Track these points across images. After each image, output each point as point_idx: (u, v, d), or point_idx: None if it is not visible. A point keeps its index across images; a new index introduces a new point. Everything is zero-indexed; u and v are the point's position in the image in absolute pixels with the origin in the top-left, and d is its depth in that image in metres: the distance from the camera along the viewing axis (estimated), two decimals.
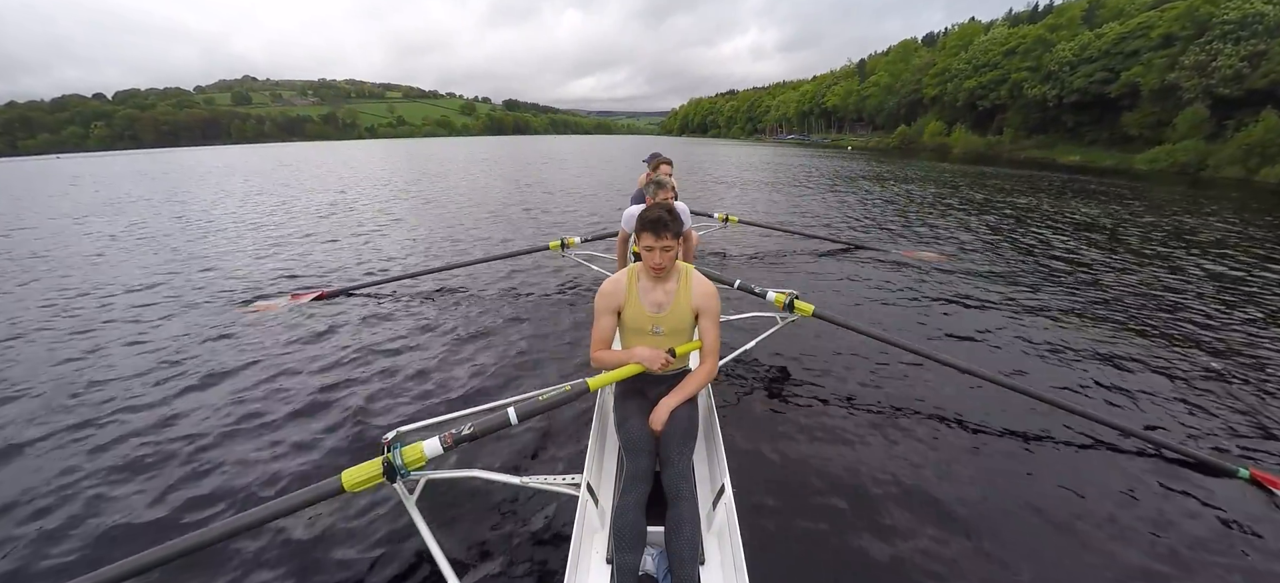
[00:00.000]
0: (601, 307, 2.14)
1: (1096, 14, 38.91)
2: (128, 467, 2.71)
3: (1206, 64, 26.42)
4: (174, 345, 4.24)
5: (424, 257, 7.34)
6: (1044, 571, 2.06)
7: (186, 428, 3.04)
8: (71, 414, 3.22)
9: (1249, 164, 21.85)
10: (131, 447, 2.87)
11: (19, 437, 2.99)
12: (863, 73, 70.51)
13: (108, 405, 3.31)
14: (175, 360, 3.95)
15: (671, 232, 1.98)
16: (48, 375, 3.75)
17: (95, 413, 3.23)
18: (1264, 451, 2.85)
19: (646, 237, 1.99)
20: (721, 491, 1.92)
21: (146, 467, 2.70)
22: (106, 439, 2.95)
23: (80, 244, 8.69)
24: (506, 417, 1.88)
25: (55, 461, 2.76)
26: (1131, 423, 2.95)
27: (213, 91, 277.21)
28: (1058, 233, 8.90)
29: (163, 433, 2.99)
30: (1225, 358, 3.98)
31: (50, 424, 3.11)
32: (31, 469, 2.70)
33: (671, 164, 4.22)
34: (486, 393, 3.42)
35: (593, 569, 1.76)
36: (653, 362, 2.01)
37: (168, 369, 3.81)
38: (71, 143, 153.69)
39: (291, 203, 13.45)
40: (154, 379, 3.66)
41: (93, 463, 2.74)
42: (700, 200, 12.20)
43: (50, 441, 2.95)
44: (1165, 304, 5.22)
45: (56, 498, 2.48)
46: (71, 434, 3.00)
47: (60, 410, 3.26)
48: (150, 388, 3.54)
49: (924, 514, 2.32)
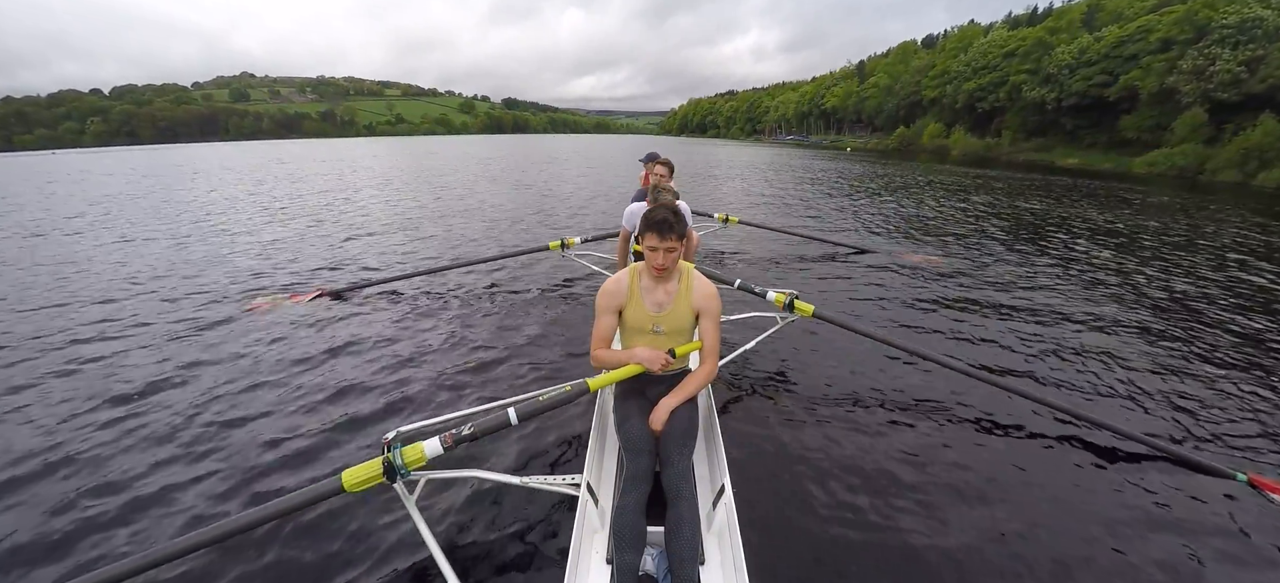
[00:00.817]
0: (603, 306, 2.14)
1: (1096, 17, 39.02)
2: (125, 466, 2.70)
3: (1205, 68, 26.52)
4: (171, 344, 4.23)
5: (424, 256, 7.32)
6: (1043, 572, 2.06)
7: (184, 427, 3.03)
8: (70, 411, 3.20)
9: (1247, 168, 21.92)
10: (128, 445, 2.86)
11: (15, 435, 2.98)
12: (862, 74, 70.63)
13: (106, 403, 3.30)
14: (173, 358, 3.94)
15: (676, 233, 1.99)
16: (47, 371, 3.74)
17: (94, 411, 3.21)
18: (1262, 455, 2.86)
19: (651, 237, 2.00)
20: (721, 491, 1.93)
21: (143, 466, 2.69)
22: (103, 438, 2.93)
23: (81, 242, 8.66)
24: (507, 417, 1.88)
25: (51, 457, 2.75)
26: (1129, 426, 2.96)
27: (211, 88, 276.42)
28: (1057, 235, 8.92)
29: (160, 432, 2.98)
30: (1224, 362, 3.99)
31: (48, 420, 3.10)
32: (29, 466, 2.69)
33: (670, 166, 4.19)
34: (487, 392, 3.42)
35: (593, 569, 1.76)
36: (653, 362, 2.02)
37: (165, 367, 3.80)
38: (68, 139, 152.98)
39: (291, 202, 13.41)
40: (151, 377, 3.65)
41: (89, 461, 2.73)
42: (701, 200, 12.20)
43: (48, 437, 2.94)
44: (1164, 307, 5.24)
45: (55, 497, 2.47)
46: (70, 431, 2.99)
47: (58, 406, 3.25)
48: (148, 386, 3.52)
49: (923, 515, 2.33)
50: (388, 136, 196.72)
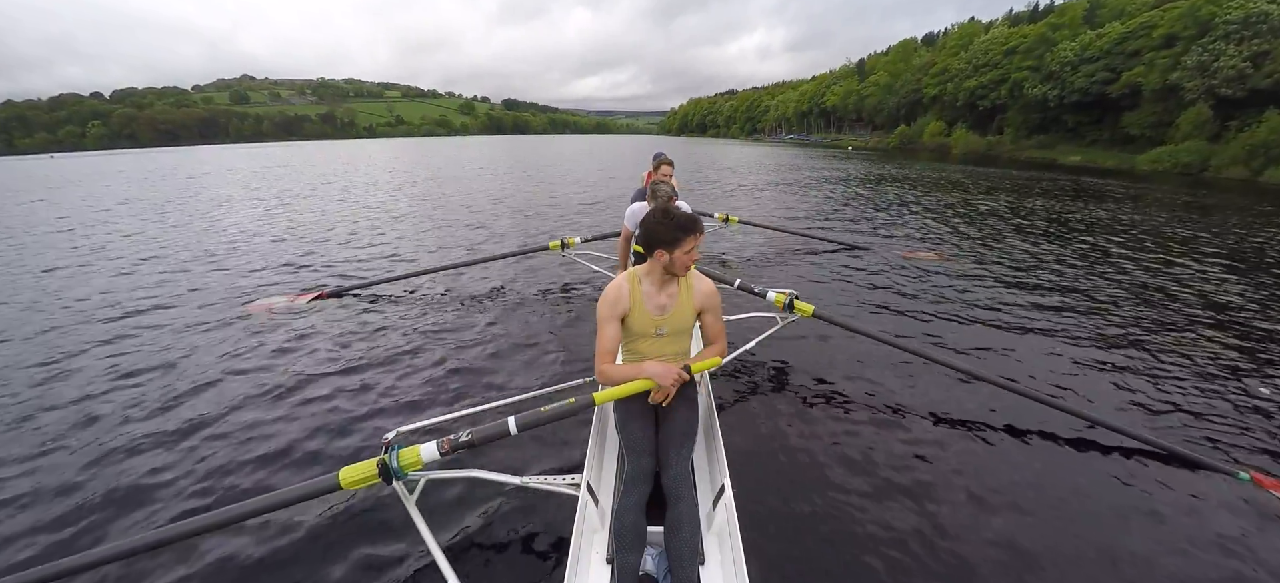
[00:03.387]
0: (605, 315, 2.08)
1: (1098, 13, 38.84)
2: (123, 461, 2.71)
3: (1209, 64, 26.32)
4: (172, 343, 4.24)
5: (424, 256, 7.33)
6: (1043, 571, 2.05)
7: (184, 426, 3.04)
8: (70, 405, 3.22)
9: (1252, 165, 21.77)
10: (128, 442, 2.87)
11: (20, 430, 2.99)
12: (862, 72, 70.42)
13: (105, 402, 3.31)
14: (173, 358, 3.95)
15: (700, 228, 2.05)
16: (50, 367, 3.76)
17: (93, 408, 3.23)
18: (1265, 453, 2.85)
19: (688, 241, 2.00)
20: (721, 491, 1.92)
21: (142, 463, 2.70)
22: (101, 433, 2.95)
23: (86, 241, 8.69)
24: (506, 426, 1.83)
25: (49, 450, 2.76)
26: (1131, 424, 2.95)
27: (211, 90, 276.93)
28: (1058, 234, 8.89)
29: (160, 430, 2.99)
30: (1226, 360, 3.97)
31: (50, 415, 3.11)
32: (27, 457, 2.70)
33: (672, 165, 4.22)
34: (486, 393, 3.41)
35: (593, 569, 1.76)
36: (665, 378, 1.94)
37: (165, 367, 3.81)
38: (69, 142, 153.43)
39: (291, 203, 13.44)
40: (151, 376, 3.66)
41: (86, 457, 2.74)
42: (702, 200, 12.19)
43: (50, 430, 2.95)
44: (1166, 305, 5.21)
45: (49, 489, 2.49)
46: (68, 428, 3.00)
47: (61, 400, 3.27)
48: (147, 385, 3.54)
49: (922, 515, 2.32)
50: (388, 138, 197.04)
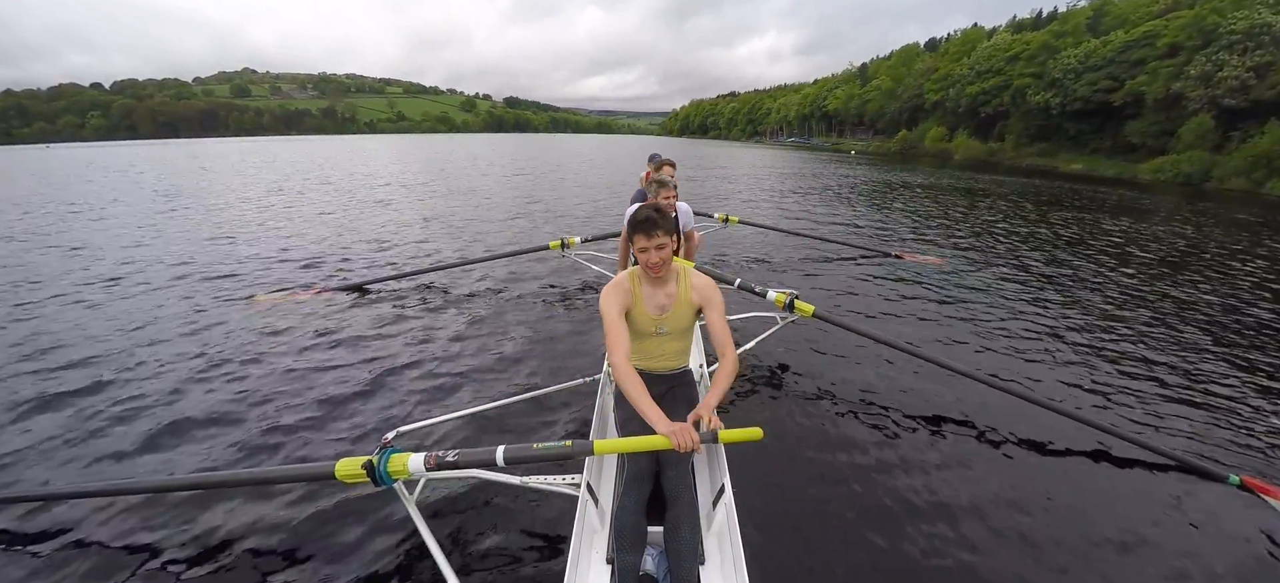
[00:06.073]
0: (610, 307, 2.03)
1: (1101, 21, 38.87)
2: (122, 455, 2.71)
3: (1212, 74, 26.36)
4: (177, 336, 4.24)
5: (426, 255, 7.32)
6: (1037, 573, 2.06)
7: (185, 419, 3.04)
8: (74, 393, 3.22)
9: (1255, 176, 21.78)
10: (123, 432, 2.87)
11: (28, 413, 2.99)
12: (864, 77, 70.45)
13: (110, 392, 3.31)
14: (178, 351, 3.95)
15: (662, 229, 1.94)
16: (57, 360, 3.75)
17: (96, 398, 3.23)
18: (1255, 457, 2.86)
19: (639, 239, 1.96)
20: (721, 491, 1.92)
21: (145, 452, 2.71)
22: (102, 423, 2.95)
23: (91, 233, 8.66)
24: (494, 457, 1.75)
25: (48, 440, 2.76)
26: (1124, 428, 2.96)
27: (212, 83, 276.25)
28: (1058, 239, 8.90)
29: (157, 421, 2.99)
30: (1218, 365, 3.98)
31: (49, 405, 3.11)
32: (30, 442, 2.70)
33: (674, 165, 4.22)
34: (484, 392, 3.41)
35: (593, 569, 1.76)
36: (680, 437, 1.62)
37: (171, 359, 3.81)
38: (67, 132, 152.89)
39: (294, 199, 13.43)
40: (158, 368, 3.66)
41: (83, 447, 2.74)
42: (702, 200, 12.19)
43: (51, 420, 2.94)
44: (1160, 311, 5.22)
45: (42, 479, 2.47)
46: (69, 414, 3.00)
47: (60, 393, 3.26)
48: (154, 376, 3.54)
49: (921, 515, 2.32)
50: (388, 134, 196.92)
